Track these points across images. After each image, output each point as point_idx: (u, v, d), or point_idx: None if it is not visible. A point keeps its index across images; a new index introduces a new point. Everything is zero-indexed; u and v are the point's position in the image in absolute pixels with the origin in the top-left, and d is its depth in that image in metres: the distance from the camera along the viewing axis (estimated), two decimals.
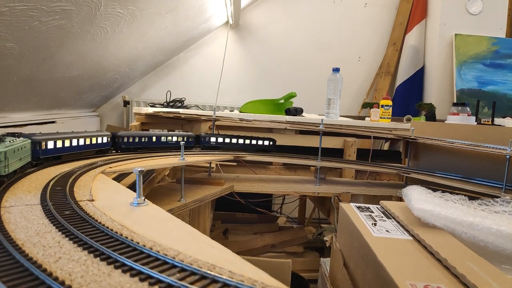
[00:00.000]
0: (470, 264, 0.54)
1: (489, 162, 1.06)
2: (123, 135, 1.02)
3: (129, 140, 1.03)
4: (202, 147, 1.22)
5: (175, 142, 1.13)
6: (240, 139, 1.24)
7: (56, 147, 0.78)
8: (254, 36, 2.54)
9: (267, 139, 1.28)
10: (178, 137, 1.14)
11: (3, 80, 1.17)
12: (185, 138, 1.16)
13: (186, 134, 1.17)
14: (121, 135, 1.01)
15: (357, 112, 2.60)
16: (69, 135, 0.82)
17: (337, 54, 2.58)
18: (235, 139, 1.24)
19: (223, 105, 2.46)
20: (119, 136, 1.01)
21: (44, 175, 0.67)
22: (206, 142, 1.21)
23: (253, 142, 1.26)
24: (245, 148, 1.25)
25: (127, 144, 1.02)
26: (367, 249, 0.63)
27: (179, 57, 2.49)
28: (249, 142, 1.25)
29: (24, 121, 1.47)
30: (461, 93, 2.20)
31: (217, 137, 1.22)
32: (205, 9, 1.94)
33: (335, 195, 1.25)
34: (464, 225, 0.66)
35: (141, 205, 0.54)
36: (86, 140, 0.88)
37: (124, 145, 1.02)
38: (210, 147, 1.22)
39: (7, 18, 0.90)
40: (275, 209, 2.32)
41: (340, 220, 0.88)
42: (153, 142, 1.09)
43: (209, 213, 1.19)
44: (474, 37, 2.26)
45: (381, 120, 1.71)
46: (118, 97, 2.46)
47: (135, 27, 1.50)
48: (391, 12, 2.57)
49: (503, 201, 0.77)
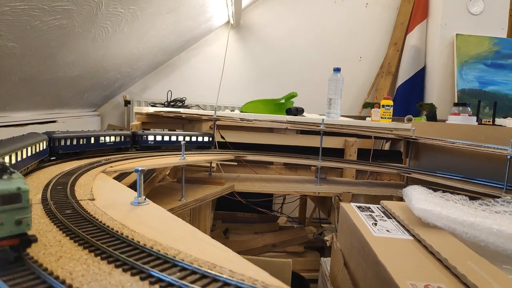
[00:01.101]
0: (470, 264, 0.54)
1: (490, 162, 1.06)
2: (59, 137, 0.83)
3: (66, 143, 0.85)
4: (139, 147, 1.08)
5: (113, 143, 0.97)
6: (180, 136, 1.14)
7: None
8: (255, 36, 2.54)
9: (207, 135, 1.21)
10: (115, 136, 0.98)
11: (4, 79, 1.17)
12: (121, 138, 1.01)
13: (121, 133, 1.01)
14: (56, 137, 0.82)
15: (358, 112, 2.60)
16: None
17: (338, 54, 2.58)
18: (175, 136, 1.13)
19: (224, 105, 2.46)
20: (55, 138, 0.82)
21: (45, 174, 0.67)
22: (144, 142, 1.07)
23: (193, 139, 1.17)
24: (186, 145, 1.11)
25: (63, 149, 0.85)
26: (368, 249, 0.63)
27: (180, 57, 2.50)
28: (189, 139, 1.16)
29: (25, 121, 1.48)
30: (462, 93, 2.20)
31: (155, 135, 1.09)
32: (206, 9, 1.94)
33: (335, 195, 1.24)
34: (464, 225, 0.66)
35: (142, 205, 0.54)
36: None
37: (61, 150, 0.84)
38: (148, 147, 1.08)
39: (8, 18, 0.90)
40: (276, 209, 2.32)
41: (341, 220, 0.88)
42: (91, 144, 0.92)
43: (210, 213, 1.19)
44: (475, 37, 2.25)
45: (382, 120, 1.71)
46: (119, 97, 2.46)
47: (136, 27, 1.50)
48: (392, 12, 2.57)
49: (504, 201, 0.77)
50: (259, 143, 1.64)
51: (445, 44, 2.29)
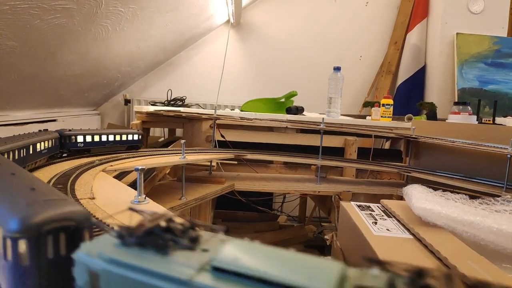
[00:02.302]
0: (470, 263, 0.54)
1: (490, 161, 1.06)
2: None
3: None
4: (67, 152, 0.89)
5: (39, 151, 0.74)
6: (110, 135, 1.00)
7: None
8: (255, 35, 2.54)
9: (136, 133, 1.08)
10: (43, 142, 0.76)
11: (4, 78, 1.17)
12: (48, 143, 0.79)
13: (48, 137, 0.79)
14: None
15: (358, 111, 2.60)
16: None
17: (338, 53, 2.58)
18: (105, 136, 0.98)
19: (224, 104, 2.46)
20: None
21: (46, 174, 0.67)
22: (73, 145, 0.89)
23: (123, 137, 1.04)
24: (116, 145, 1.01)
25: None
26: (368, 248, 0.63)
27: (180, 55, 2.49)
28: (119, 139, 1.03)
29: (25, 119, 1.48)
30: (462, 92, 2.20)
31: (85, 135, 0.92)
32: (206, 8, 1.94)
33: (335, 193, 1.24)
34: (464, 224, 0.66)
35: (142, 203, 0.54)
36: None
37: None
38: (78, 150, 0.91)
39: (8, 17, 0.90)
40: (276, 208, 2.32)
41: (341, 219, 0.88)
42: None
43: (210, 212, 1.20)
44: (476, 36, 2.25)
45: (382, 119, 1.71)
46: (119, 96, 2.46)
47: (136, 26, 1.50)
48: (392, 11, 2.57)
49: (504, 200, 0.77)
50: (259, 142, 1.64)
51: (445, 43, 2.28)
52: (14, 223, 0.25)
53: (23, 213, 0.26)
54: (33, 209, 0.26)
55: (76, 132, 0.89)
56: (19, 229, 0.25)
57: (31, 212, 0.26)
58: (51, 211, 0.26)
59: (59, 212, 0.26)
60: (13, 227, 0.25)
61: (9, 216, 0.26)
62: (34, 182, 0.34)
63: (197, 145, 1.52)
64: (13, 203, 0.28)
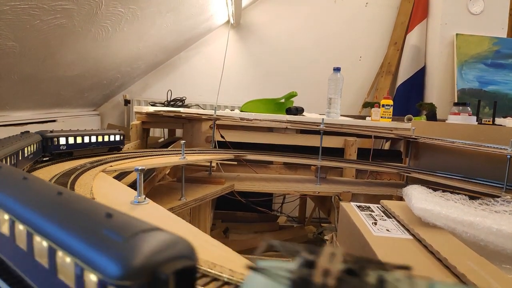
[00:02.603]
0: (470, 263, 0.54)
1: (490, 162, 1.06)
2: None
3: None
4: (49, 156, 0.81)
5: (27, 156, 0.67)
6: (92, 136, 0.92)
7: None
8: (255, 35, 2.54)
9: (118, 134, 1.01)
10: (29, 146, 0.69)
11: (4, 78, 1.17)
12: (33, 147, 0.72)
13: (32, 141, 0.71)
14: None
15: (358, 111, 2.60)
16: None
17: (338, 54, 2.58)
18: (88, 137, 0.90)
19: (224, 104, 2.46)
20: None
21: (46, 173, 0.67)
22: (55, 148, 0.80)
23: (105, 138, 0.97)
24: (98, 147, 0.94)
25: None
26: (368, 248, 0.63)
27: (180, 56, 2.49)
28: (102, 140, 0.96)
29: (25, 120, 1.48)
30: (462, 93, 2.20)
31: (67, 136, 0.83)
32: (206, 8, 1.94)
33: (335, 194, 1.24)
34: (464, 224, 0.66)
35: (142, 204, 0.54)
36: None
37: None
38: (60, 154, 0.82)
39: (8, 17, 0.90)
40: (276, 208, 2.32)
41: (341, 219, 0.88)
42: None
43: (210, 212, 1.20)
44: (475, 37, 2.25)
45: (382, 119, 1.71)
46: (119, 96, 2.46)
47: (136, 26, 1.50)
48: (392, 11, 2.57)
49: (504, 200, 0.77)
50: (259, 142, 1.64)
51: (445, 44, 2.29)
52: (116, 267, 0.19)
53: (126, 252, 0.19)
54: (137, 246, 0.20)
55: (58, 134, 0.80)
56: (126, 275, 0.18)
57: (139, 251, 0.19)
58: (161, 248, 0.20)
59: (172, 249, 0.20)
60: (117, 272, 0.19)
61: (104, 256, 0.20)
62: (96, 204, 0.27)
63: (197, 146, 1.52)
64: (99, 236, 0.21)
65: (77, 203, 0.27)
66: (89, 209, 0.26)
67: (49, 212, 0.25)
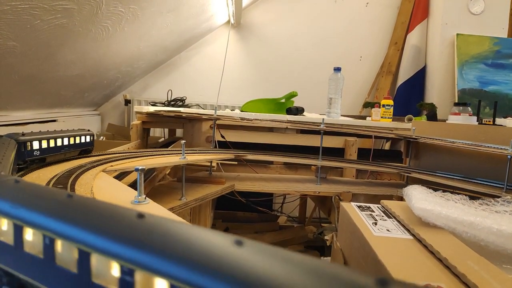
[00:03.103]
0: (470, 263, 0.54)
1: (490, 162, 1.06)
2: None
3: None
4: (22, 164, 0.66)
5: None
6: (64, 138, 0.79)
7: None
8: (256, 35, 2.54)
9: (88, 134, 0.89)
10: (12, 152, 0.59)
11: (4, 78, 1.17)
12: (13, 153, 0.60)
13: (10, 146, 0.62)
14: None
15: (358, 111, 2.60)
16: None
17: (338, 54, 2.58)
18: (60, 139, 0.77)
19: (224, 104, 2.46)
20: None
21: (46, 173, 0.67)
22: (29, 154, 0.67)
23: (76, 140, 0.85)
24: (70, 151, 0.82)
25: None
26: (368, 248, 0.63)
27: (180, 56, 2.50)
28: (73, 142, 0.84)
29: (25, 120, 1.48)
30: (463, 93, 2.20)
31: (40, 140, 0.69)
32: (207, 8, 1.94)
33: (335, 194, 1.24)
34: (465, 224, 0.66)
35: (142, 204, 0.54)
36: None
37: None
38: (34, 160, 0.69)
39: (9, 17, 0.90)
40: (276, 208, 2.32)
41: (341, 219, 0.88)
42: None
43: (210, 212, 1.20)
44: (476, 37, 2.25)
45: (382, 119, 1.71)
46: (119, 96, 2.46)
47: (137, 26, 1.50)
48: (392, 11, 2.57)
49: (504, 201, 0.77)
50: (259, 142, 1.64)
51: (446, 44, 2.28)
52: None
53: None
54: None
55: (32, 137, 0.67)
56: None
57: None
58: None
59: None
60: None
61: None
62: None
63: (197, 146, 1.52)
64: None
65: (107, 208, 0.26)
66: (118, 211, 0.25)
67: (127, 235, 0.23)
